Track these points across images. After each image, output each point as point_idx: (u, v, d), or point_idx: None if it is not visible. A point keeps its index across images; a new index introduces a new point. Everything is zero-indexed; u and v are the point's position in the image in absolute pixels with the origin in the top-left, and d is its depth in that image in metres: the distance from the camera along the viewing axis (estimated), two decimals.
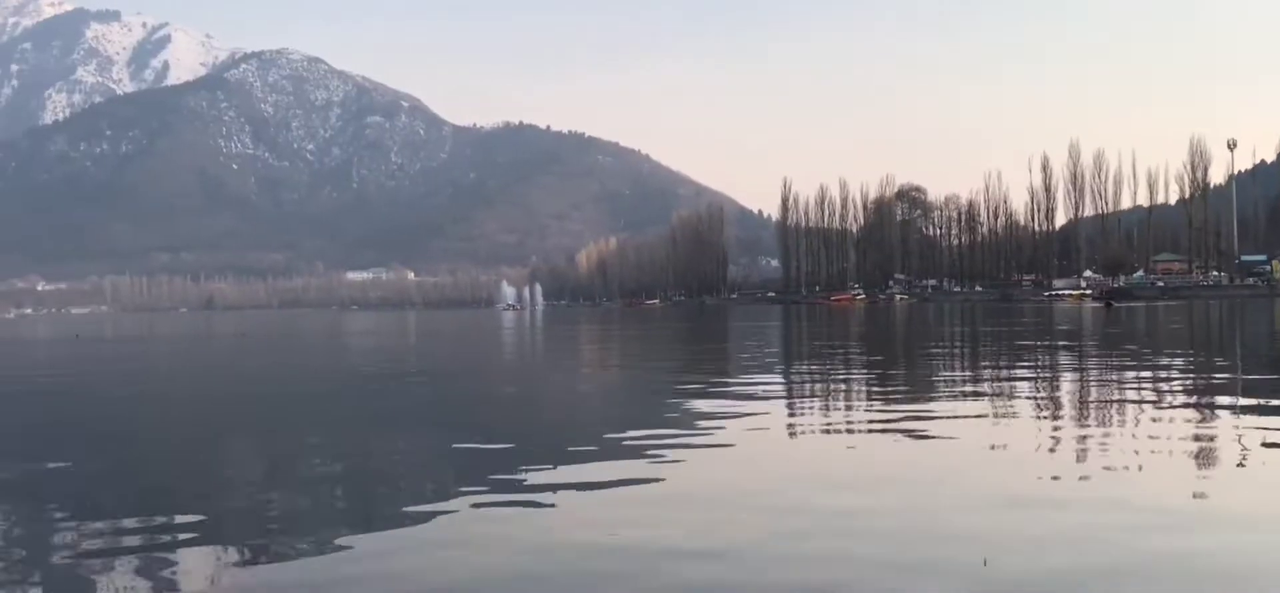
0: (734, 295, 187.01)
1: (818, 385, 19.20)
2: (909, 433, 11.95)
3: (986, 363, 24.28)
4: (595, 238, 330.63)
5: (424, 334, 57.86)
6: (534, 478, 9.46)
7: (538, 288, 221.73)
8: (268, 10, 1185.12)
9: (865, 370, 22.15)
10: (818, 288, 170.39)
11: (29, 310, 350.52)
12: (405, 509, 8.11)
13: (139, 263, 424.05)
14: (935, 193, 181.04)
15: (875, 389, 17.83)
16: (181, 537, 7.37)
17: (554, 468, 9.97)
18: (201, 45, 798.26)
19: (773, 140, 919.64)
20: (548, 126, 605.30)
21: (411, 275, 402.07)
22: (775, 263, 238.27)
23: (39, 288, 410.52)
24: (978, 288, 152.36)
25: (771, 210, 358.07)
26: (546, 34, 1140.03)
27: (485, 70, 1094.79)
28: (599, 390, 19.91)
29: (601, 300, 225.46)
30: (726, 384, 19.04)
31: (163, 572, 6.42)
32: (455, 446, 12.03)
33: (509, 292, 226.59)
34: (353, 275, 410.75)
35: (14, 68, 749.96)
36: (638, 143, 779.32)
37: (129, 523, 7.80)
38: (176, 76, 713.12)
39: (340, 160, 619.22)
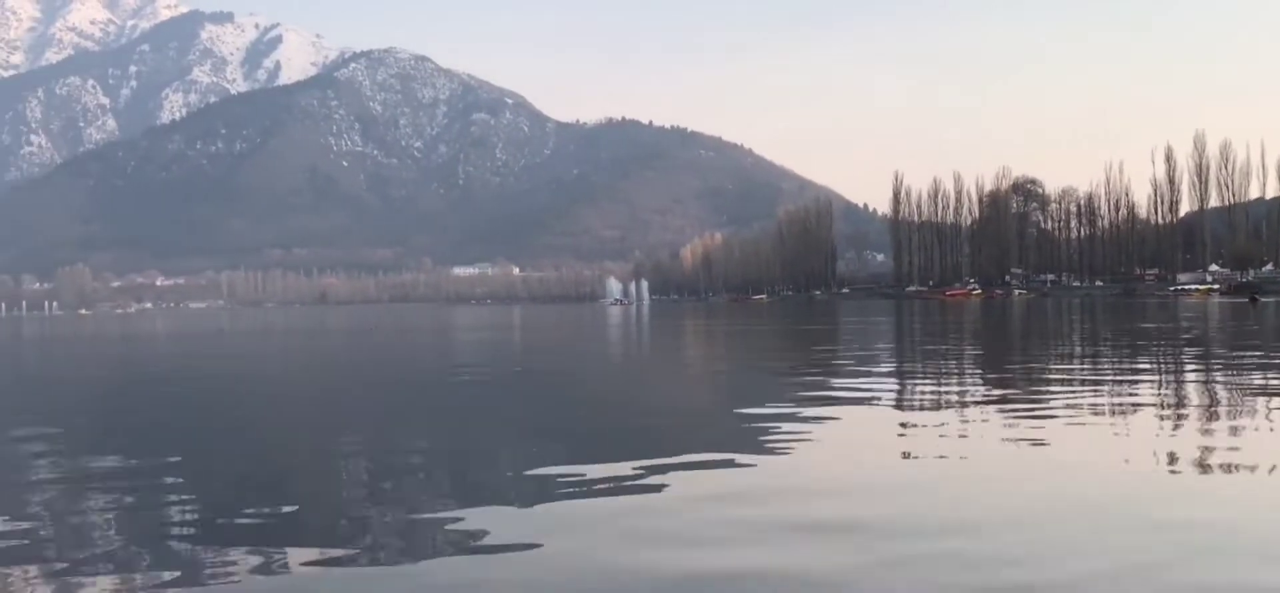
0: (845, 290, 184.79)
1: (978, 389, 17.60)
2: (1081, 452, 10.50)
3: (1146, 365, 22.00)
4: (697, 233, 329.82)
5: (544, 329, 57.75)
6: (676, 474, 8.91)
7: (644, 283, 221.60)
8: (375, 10, 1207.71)
9: (1019, 372, 20.96)
10: (931, 283, 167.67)
11: (148, 305, 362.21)
12: (535, 506, 7.90)
13: (253, 258, 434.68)
14: (1050, 186, 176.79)
15: (1035, 394, 16.11)
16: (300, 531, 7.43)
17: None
18: (312, 45, 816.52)
19: (877, 135, 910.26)
20: (650, 122, 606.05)
21: (516, 271, 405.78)
22: (882, 258, 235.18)
23: (157, 283, 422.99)
24: (1098, 283, 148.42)
25: (876, 205, 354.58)
26: (648, 29, 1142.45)
27: (588, 66, 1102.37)
28: (740, 387, 19.07)
29: (707, 296, 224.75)
30: (878, 386, 18.08)
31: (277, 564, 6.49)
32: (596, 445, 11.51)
33: (615, 287, 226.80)
34: (459, 271, 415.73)
35: (133, 69, 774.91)
36: (740, 137, 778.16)
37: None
38: (288, 76, 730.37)
39: (447, 157, 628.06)
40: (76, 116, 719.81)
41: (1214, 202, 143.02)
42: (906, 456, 10.55)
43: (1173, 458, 9.90)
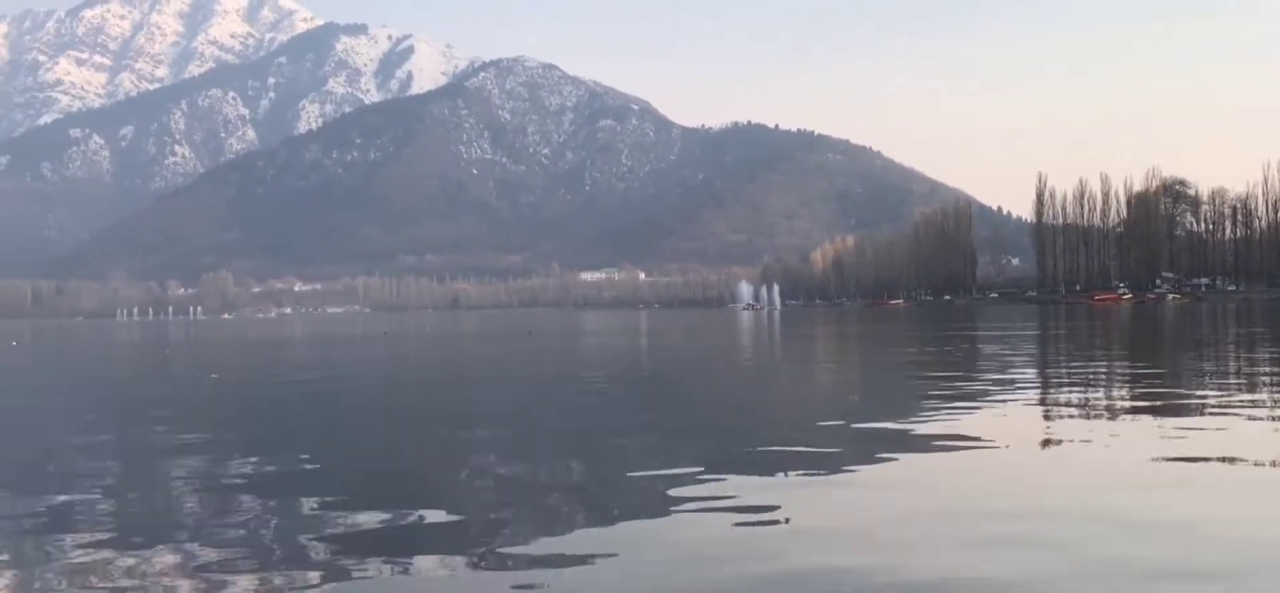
0: (994, 295, 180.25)
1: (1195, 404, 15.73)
2: None
3: None
4: (824, 237, 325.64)
5: (694, 333, 57.14)
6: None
7: (775, 287, 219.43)
8: (504, 20, 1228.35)
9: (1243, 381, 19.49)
10: (1078, 287, 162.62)
11: (288, 310, 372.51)
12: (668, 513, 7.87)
13: (387, 264, 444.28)
14: (1198, 187, 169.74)
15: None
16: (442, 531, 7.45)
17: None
18: (442, 55, 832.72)
19: (1011, 136, 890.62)
20: (776, 125, 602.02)
21: (642, 275, 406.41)
22: (1017, 261, 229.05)
23: (296, 288, 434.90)
24: (1256, 287, 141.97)
25: (1010, 207, 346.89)
26: (774, 33, 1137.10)
27: (713, 71, 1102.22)
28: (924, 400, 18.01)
29: (841, 300, 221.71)
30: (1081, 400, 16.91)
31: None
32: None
33: (746, 291, 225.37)
34: (586, 275, 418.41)
35: (271, 81, 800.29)
36: (868, 140, 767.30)
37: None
38: (419, 86, 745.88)
39: (573, 164, 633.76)
40: (218, 127, 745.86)
41: None
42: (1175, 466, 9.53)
43: None
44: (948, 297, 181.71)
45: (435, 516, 7.87)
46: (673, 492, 8.47)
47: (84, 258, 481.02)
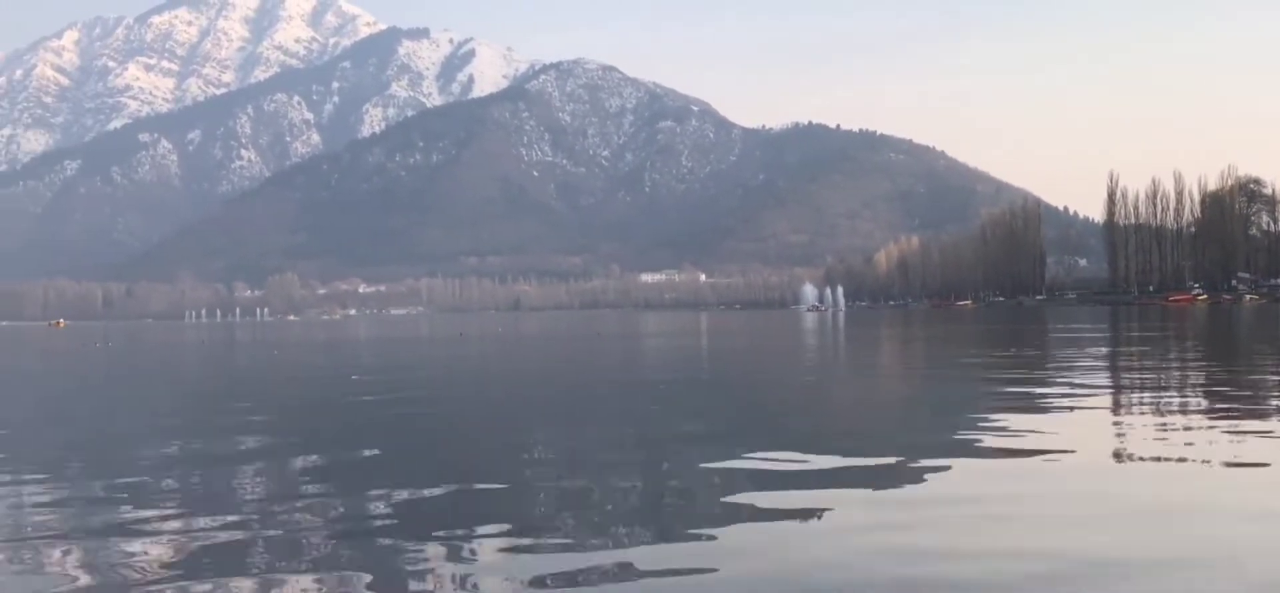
0: (1072, 296, 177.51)
1: None
2: None
3: None
4: (887, 237, 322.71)
5: (752, 334, 56.64)
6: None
7: (840, 289, 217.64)
8: (564, 23, 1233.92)
9: None
10: (1151, 288, 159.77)
11: (352, 311, 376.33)
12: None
13: (450, 266, 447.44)
14: (1276, 186, 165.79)
15: None
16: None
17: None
18: (503, 58, 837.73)
19: (1076, 136, 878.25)
20: (837, 125, 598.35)
21: (703, 277, 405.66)
22: (1084, 262, 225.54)
23: (360, 290, 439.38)
24: None
25: (1076, 207, 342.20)
26: (834, 33, 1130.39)
27: (773, 72, 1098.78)
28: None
29: (906, 301, 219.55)
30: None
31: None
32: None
33: (810, 292, 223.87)
34: (646, 277, 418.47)
35: (335, 85, 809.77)
36: (931, 139, 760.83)
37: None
38: (481, 89, 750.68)
39: (633, 165, 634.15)
40: (283, 131, 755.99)
41: None
42: None
43: None
44: (1019, 298, 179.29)
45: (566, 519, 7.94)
46: (758, 502, 8.40)
47: (153, 260, 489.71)
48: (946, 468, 9.98)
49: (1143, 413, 14.69)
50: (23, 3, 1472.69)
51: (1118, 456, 10.78)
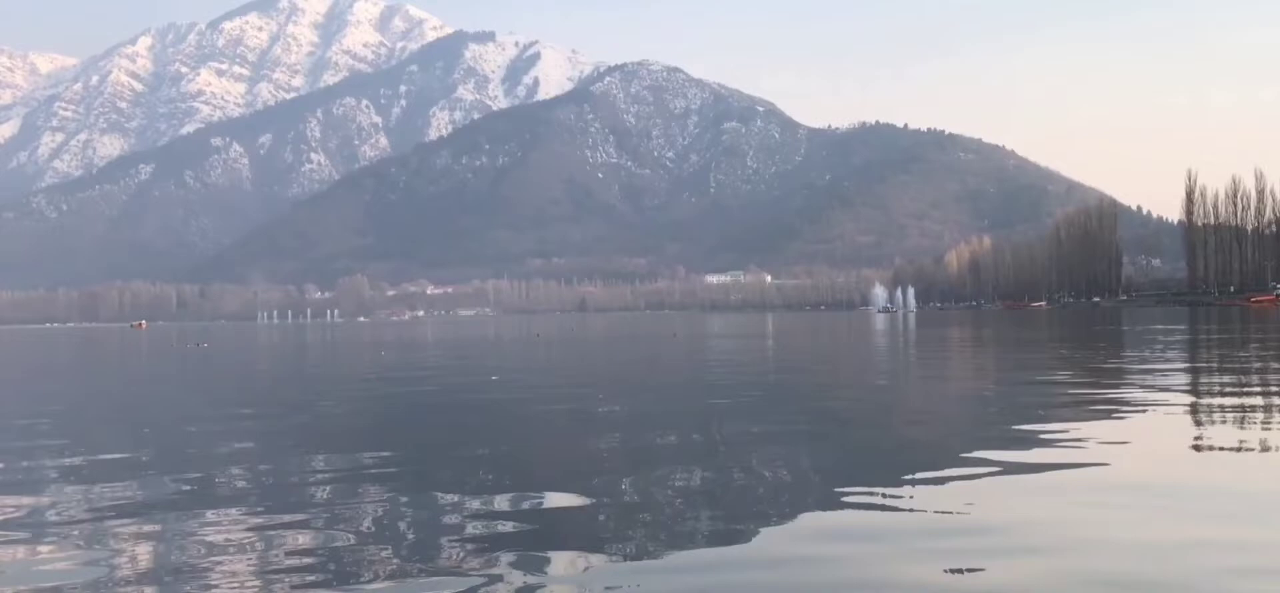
0: (1150, 297, 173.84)
1: None
2: None
3: None
4: (956, 238, 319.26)
5: (828, 335, 55.60)
6: None
7: (910, 290, 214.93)
8: (629, 25, 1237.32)
9: None
10: (1231, 288, 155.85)
11: (421, 313, 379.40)
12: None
13: (516, 267, 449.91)
14: None
15: None
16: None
17: None
18: (568, 61, 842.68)
19: (1149, 134, 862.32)
20: (905, 125, 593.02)
21: (769, 278, 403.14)
22: (1158, 262, 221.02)
23: (428, 291, 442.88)
24: None
25: (1150, 207, 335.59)
26: (900, 33, 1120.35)
27: (839, 72, 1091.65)
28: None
29: (979, 302, 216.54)
30: None
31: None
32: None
33: (880, 294, 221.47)
34: (712, 278, 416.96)
35: (402, 89, 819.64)
36: (1001, 138, 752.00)
37: None
38: (546, 91, 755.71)
39: (698, 166, 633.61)
40: (352, 135, 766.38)
41: None
42: None
43: None
44: (1094, 299, 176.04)
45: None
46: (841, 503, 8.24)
47: (225, 262, 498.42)
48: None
49: None
50: (99, 10, 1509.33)
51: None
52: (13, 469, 10.96)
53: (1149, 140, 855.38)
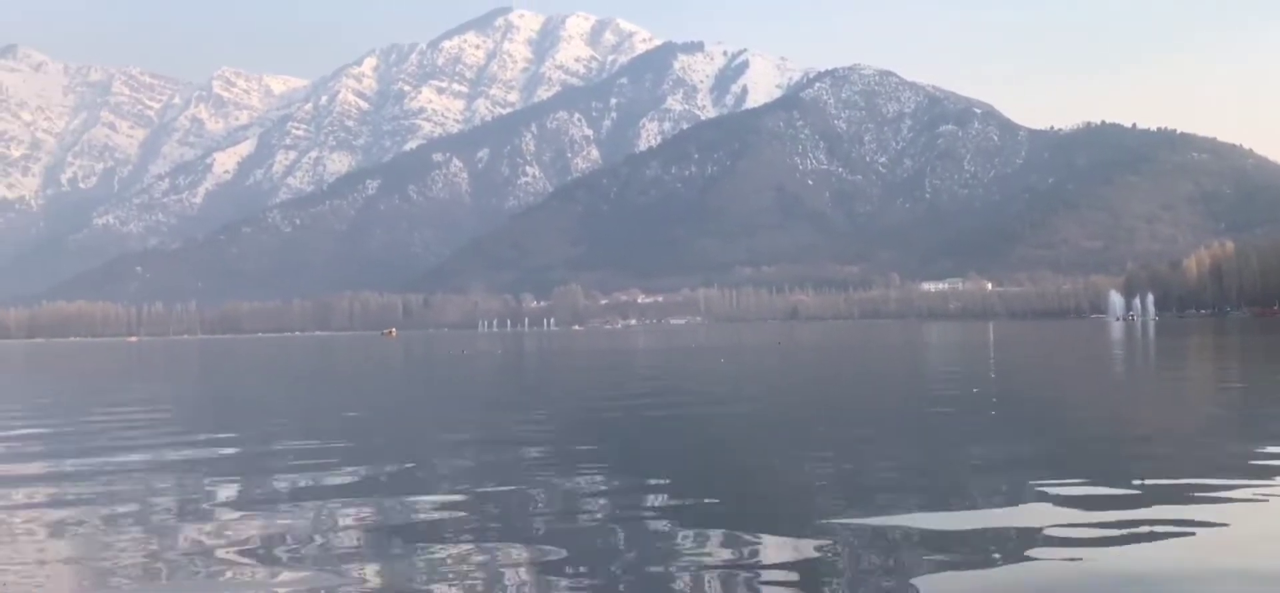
0: None
1: None
2: None
3: None
4: (1190, 241, 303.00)
5: (1081, 351, 51.58)
6: None
7: (1150, 297, 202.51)
8: (839, 30, 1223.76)
9: None
10: None
11: (633, 321, 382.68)
12: None
13: (725, 276, 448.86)
14: None
15: None
16: None
17: None
18: (776, 68, 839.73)
19: None
20: (1133, 125, 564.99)
21: (989, 285, 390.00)
22: None
23: (639, 300, 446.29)
24: None
25: None
26: (1125, 27, 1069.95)
27: (1062, 71, 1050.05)
28: None
29: (1223, 309, 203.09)
30: None
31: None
32: None
33: (1117, 301, 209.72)
34: (928, 286, 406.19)
35: (613, 101, 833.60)
36: (1239, 137, 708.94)
37: None
38: (754, 100, 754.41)
39: (912, 171, 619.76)
40: (564, 148, 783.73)
41: None
42: None
43: None
44: None
45: None
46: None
47: (446, 273, 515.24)
48: None
49: None
50: (327, 34, 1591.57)
51: None
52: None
53: None
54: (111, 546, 8.48)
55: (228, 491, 11.17)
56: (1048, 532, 7.91)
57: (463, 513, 9.40)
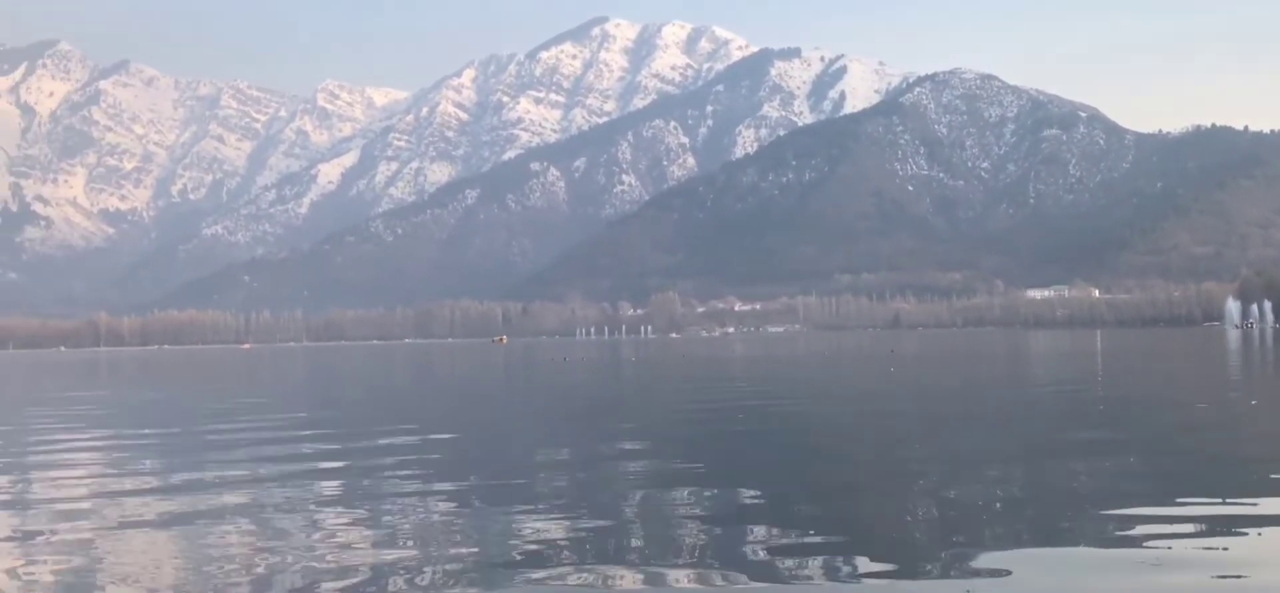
0: None
1: None
2: None
3: None
4: None
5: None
6: None
7: (1268, 304, 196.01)
8: (939, 34, 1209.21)
9: None
10: None
11: (731, 329, 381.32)
12: None
13: (823, 283, 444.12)
14: None
15: None
16: None
17: None
18: (875, 73, 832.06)
19: None
20: (1245, 127, 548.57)
21: (1096, 292, 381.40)
22: None
23: (736, 308, 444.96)
24: None
25: None
26: (1235, 28, 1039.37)
27: (1169, 73, 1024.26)
28: None
29: None
30: None
31: None
32: None
33: (1235, 309, 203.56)
34: (1033, 293, 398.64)
35: (709, 109, 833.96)
36: None
37: None
38: (852, 105, 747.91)
39: (1015, 176, 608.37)
40: (660, 156, 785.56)
41: None
42: None
43: None
44: None
45: None
46: None
47: (544, 281, 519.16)
48: None
49: None
50: (427, 46, 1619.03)
51: None
52: None
53: None
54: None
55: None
56: None
57: None
